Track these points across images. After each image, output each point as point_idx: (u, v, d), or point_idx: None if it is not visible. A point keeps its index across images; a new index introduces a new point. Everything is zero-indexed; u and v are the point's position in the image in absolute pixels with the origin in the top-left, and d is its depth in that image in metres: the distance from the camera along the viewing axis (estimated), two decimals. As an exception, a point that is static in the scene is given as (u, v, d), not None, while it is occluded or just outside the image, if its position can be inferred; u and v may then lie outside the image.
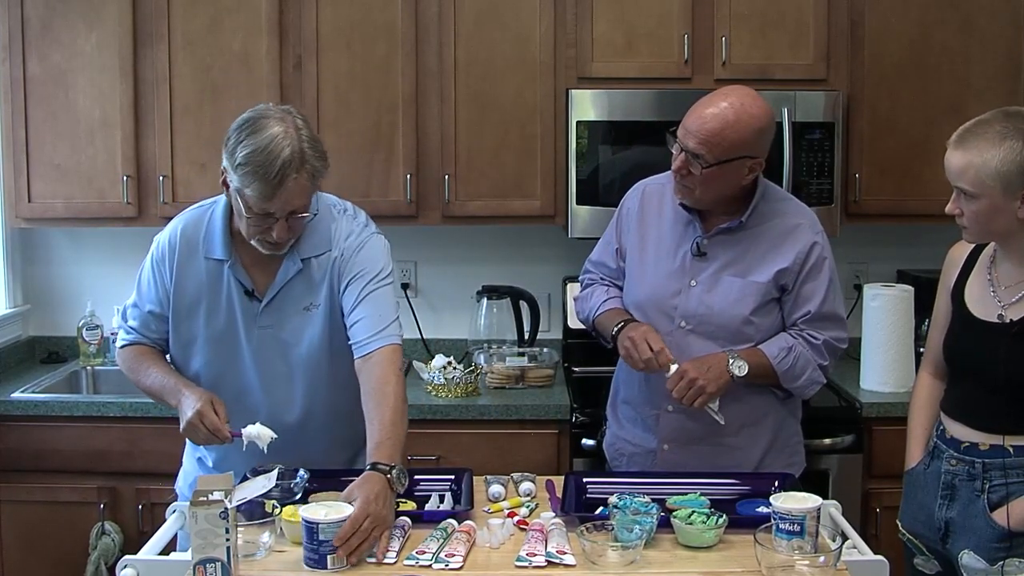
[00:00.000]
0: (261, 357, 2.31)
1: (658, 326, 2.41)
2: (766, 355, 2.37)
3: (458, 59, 3.41)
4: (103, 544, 3.24)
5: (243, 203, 2.14)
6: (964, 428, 2.21)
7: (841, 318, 2.46)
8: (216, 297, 2.30)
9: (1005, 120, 2.06)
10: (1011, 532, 2.10)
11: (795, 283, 2.40)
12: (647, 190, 2.56)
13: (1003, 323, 2.15)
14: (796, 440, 2.55)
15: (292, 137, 2.11)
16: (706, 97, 2.33)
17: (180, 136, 3.44)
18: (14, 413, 3.26)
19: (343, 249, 2.29)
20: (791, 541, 1.86)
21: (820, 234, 2.44)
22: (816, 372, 2.42)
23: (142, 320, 2.37)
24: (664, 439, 2.45)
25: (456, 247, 3.78)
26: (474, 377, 3.36)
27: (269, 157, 2.08)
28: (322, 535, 1.83)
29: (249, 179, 2.10)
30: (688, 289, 2.42)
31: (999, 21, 3.40)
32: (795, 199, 2.52)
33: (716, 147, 2.27)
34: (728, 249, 2.41)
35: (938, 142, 2.14)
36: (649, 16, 3.39)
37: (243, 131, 2.13)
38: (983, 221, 2.10)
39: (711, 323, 2.40)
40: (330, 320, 2.29)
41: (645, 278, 2.48)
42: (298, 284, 2.28)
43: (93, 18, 3.41)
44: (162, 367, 2.34)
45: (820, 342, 2.41)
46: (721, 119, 2.26)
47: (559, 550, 1.90)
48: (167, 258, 2.32)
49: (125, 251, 3.70)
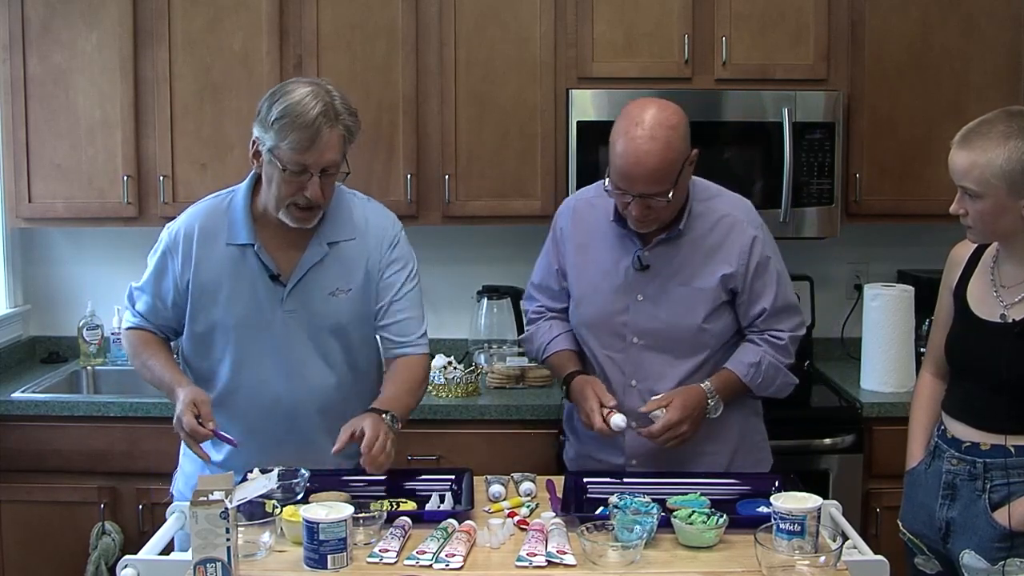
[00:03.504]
0: (286, 342, 2.32)
1: (611, 344, 2.42)
2: (737, 375, 2.39)
3: (458, 59, 3.41)
4: (103, 544, 3.24)
5: (279, 161, 2.18)
6: (965, 428, 2.21)
7: (796, 305, 2.48)
8: (238, 283, 2.31)
9: (1009, 120, 2.06)
10: (1012, 532, 2.09)
11: (744, 284, 2.39)
12: (577, 206, 2.53)
13: (1005, 323, 2.15)
14: (761, 439, 2.56)
15: (323, 94, 2.19)
16: (623, 137, 2.24)
17: (180, 136, 3.44)
18: (14, 413, 3.26)
19: (379, 240, 2.35)
20: (791, 541, 1.86)
21: (759, 226, 2.43)
22: (786, 375, 2.45)
23: (149, 306, 2.38)
24: (631, 456, 2.43)
25: (456, 247, 3.78)
26: (474, 377, 3.36)
27: (304, 108, 2.15)
28: (323, 535, 1.83)
29: (286, 131, 2.15)
30: (636, 304, 2.40)
31: (999, 21, 3.40)
32: (725, 191, 2.49)
33: (668, 175, 2.25)
34: (669, 258, 2.39)
35: (938, 142, 2.15)
36: (649, 16, 3.39)
37: (274, 96, 2.20)
38: (988, 221, 2.10)
39: (664, 336, 2.39)
40: (358, 307, 2.34)
41: (590, 297, 2.46)
42: (325, 269, 2.31)
43: (93, 18, 3.41)
44: (161, 359, 2.35)
45: (785, 341, 2.43)
46: (656, 153, 2.22)
47: (559, 550, 1.90)
48: (182, 247, 2.33)
49: (125, 251, 3.70)
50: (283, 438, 2.33)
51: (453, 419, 3.21)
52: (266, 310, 2.31)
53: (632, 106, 2.31)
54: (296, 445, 2.30)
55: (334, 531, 1.84)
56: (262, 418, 2.33)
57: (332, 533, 1.84)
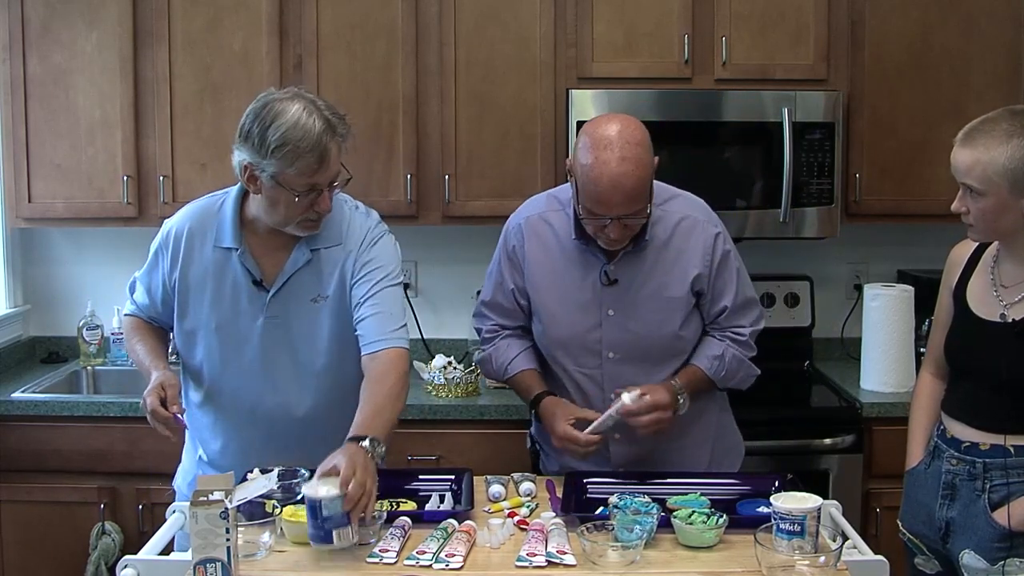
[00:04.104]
0: (267, 348, 2.30)
1: (586, 362, 2.40)
2: (702, 369, 2.40)
3: (458, 59, 3.41)
4: (103, 544, 3.24)
5: (286, 186, 2.14)
6: (965, 428, 2.21)
7: (755, 300, 2.49)
8: (222, 286, 2.30)
9: (1012, 118, 2.06)
10: (1012, 532, 2.09)
11: (708, 283, 2.39)
12: (529, 224, 2.45)
13: (1005, 323, 2.15)
14: (732, 428, 2.58)
15: (313, 109, 2.13)
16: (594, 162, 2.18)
17: (180, 136, 3.44)
18: (14, 413, 3.26)
19: (356, 243, 2.30)
20: (791, 541, 1.86)
21: (717, 224, 2.42)
22: (749, 367, 2.46)
23: (142, 298, 2.42)
24: (617, 465, 2.42)
25: (456, 247, 3.78)
26: (474, 377, 3.36)
27: (305, 131, 2.09)
28: (325, 511, 1.86)
29: (291, 157, 2.10)
30: (607, 319, 2.38)
31: (999, 21, 3.40)
32: (680, 191, 2.45)
33: (643, 193, 2.23)
34: (635, 269, 2.37)
35: (938, 142, 2.15)
36: (649, 16, 3.39)
37: (263, 119, 2.12)
38: (990, 219, 2.10)
39: (640, 347, 2.38)
40: (338, 314, 2.30)
41: (559, 317, 2.42)
42: (306, 274, 2.29)
43: (93, 18, 3.41)
44: (147, 345, 2.37)
45: (747, 337, 2.44)
46: (631, 174, 2.18)
47: (559, 550, 1.90)
48: (171, 246, 2.33)
49: (125, 251, 3.70)
50: (263, 443, 2.31)
51: (453, 419, 3.21)
52: (248, 315, 2.29)
53: (593, 127, 2.25)
54: (275, 451, 2.26)
55: (335, 506, 1.85)
56: (242, 422, 2.33)
57: (334, 508, 1.85)
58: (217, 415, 2.36)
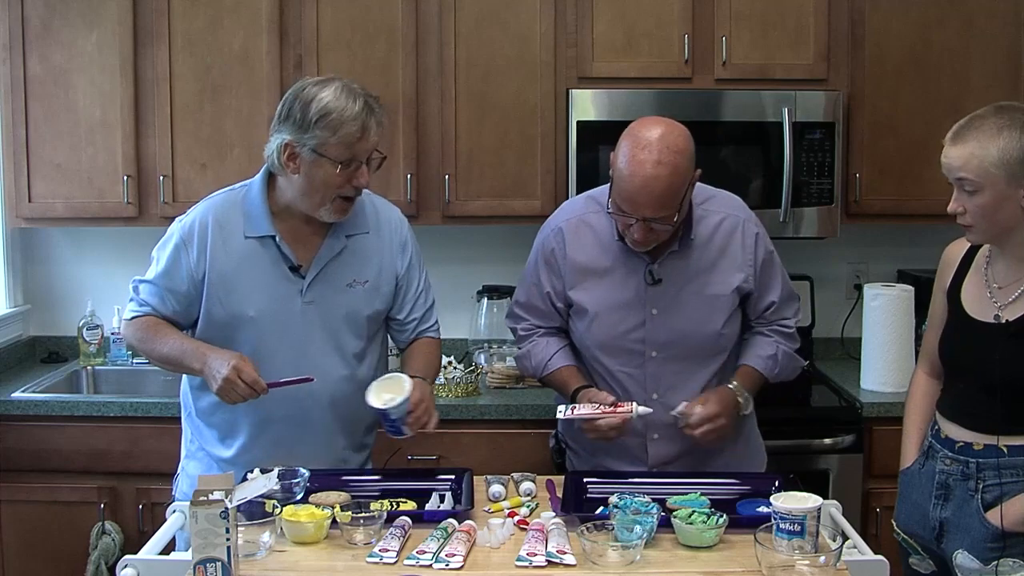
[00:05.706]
0: (302, 333, 2.34)
1: (628, 361, 2.41)
2: (758, 370, 2.44)
3: (458, 59, 3.41)
4: (103, 544, 3.24)
5: (329, 157, 2.21)
6: (959, 428, 2.20)
7: (796, 293, 2.55)
8: (256, 275, 2.32)
9: (999, 114, 2.06)
10: (1005, 532, 2.09)
11: (755, 282, 2.42)
12: (568, 226, 2.44)
13: (999, 323, 2.14)
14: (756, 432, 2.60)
15: (351, 90, 2.24)
16: (629, 160, 2.20)
17: (180, 136, 3.44)
18: (14, 413, 3.26)
19: (395, 238, 2.43)
20: (791, 541, 1.86)
21: (756, 221, 2.45)
22: (796, 360, 2.52)
23: (159, 296, 2.36)
24: (653, 464, 2.43)
25: (456, 247, 3.78)
26: (474, 377, 3.36)
27: (347, 100, 2.21)
28: (392, 415, 2.20)
29: (334, 127, 2.19)
30: (651, 318, 2.39)
31: (999, 21, 3.40)
32: (716, 190, 2.46)
33: (673, 200, 2.22)
34: (679, 269, 2.38)
35: (938, 142, 2.14)
36: (649, 16, 3.39)
37: (302, 98, 2.22)
38: (988, 214, 2.08)
39: (683, 346, 2.39)
40: (373, 299, 2.39)
41: (602, 317, 2.41)
42: (343, 261, 2.36)
43: (93, 18, 3.41)
44: (179, 334, 2.35)
45: (792, 329, 2.49)
46: (664, 178, 2.18)
47: (559, 550, 1.90)
48: (196, 239, 2.33)
49: (125, 251, 3.71)
50: (296, 429, 2.34)
51: (453, 419, 3.21)
52: (285, 301, 2.33)
53: (639, 126, 2.26)
54: (309, 435, 2.33)
55: (400, 411, 2.19)
56: (276, 408, 2.32)
57: (400, 412, 2.19)
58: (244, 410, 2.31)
